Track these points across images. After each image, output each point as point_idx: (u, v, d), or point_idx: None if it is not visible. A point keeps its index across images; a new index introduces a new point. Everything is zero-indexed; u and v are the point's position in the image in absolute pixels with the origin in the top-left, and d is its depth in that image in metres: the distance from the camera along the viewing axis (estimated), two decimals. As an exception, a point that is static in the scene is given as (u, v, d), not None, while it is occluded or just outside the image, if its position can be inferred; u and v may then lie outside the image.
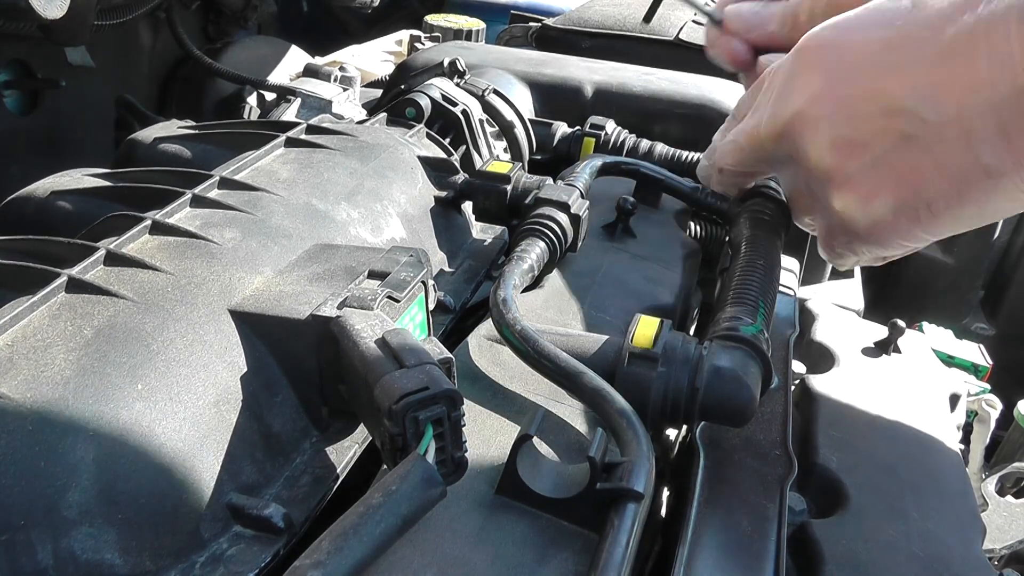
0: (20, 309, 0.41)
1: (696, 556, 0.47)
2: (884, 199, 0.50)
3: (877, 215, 0.51)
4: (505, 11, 1.92)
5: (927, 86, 0.46)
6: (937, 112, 0.46)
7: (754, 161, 0.61)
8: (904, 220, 0.50)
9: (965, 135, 0.45)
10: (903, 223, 0.50)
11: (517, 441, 0.39)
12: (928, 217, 0.49)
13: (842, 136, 0.51)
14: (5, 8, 0.71)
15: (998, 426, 0.97)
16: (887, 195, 0.50)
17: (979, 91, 0.44)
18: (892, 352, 0.74)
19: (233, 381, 0.43)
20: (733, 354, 0.49)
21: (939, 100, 0.46)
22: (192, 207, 0.54)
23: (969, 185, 0.47)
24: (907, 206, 0.49)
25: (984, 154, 0.45)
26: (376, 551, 0.33)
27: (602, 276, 0.63)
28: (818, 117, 0.52)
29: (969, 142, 0.45)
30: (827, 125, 0.51)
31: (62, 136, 1.15)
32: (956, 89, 0.45)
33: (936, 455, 0.62)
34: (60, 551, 0.35)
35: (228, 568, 0.38)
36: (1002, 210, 0.49)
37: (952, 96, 0.45)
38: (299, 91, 1.13)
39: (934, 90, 0.46)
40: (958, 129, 0.45)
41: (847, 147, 0.50)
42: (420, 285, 0.48)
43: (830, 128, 0.51)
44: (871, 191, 0.50)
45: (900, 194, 0.49)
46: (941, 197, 0.48)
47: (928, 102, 0.46)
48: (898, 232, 0.51)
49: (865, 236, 0.53)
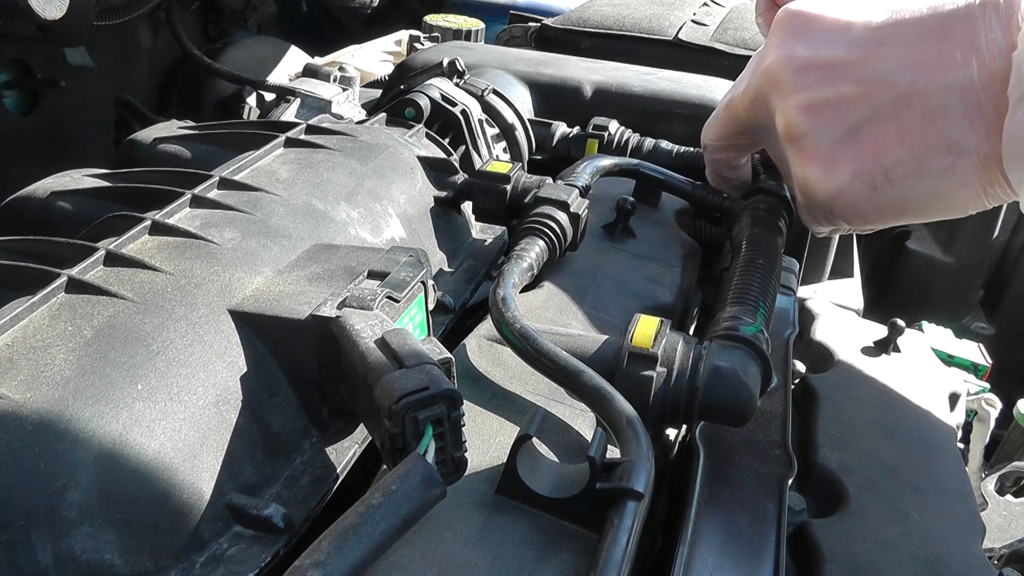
0: (20, 309, 0.41)
1: (696, 556, 0.47)
2: (844, 166, 0.51)
3: (836, 181, 0.52)
4: (505, 11, 1.92)
5: (905, 59, 0.48)
6: (910, 83, 0.48)
7: (733, 133, 0.62)
8: (861, 186, 0.51)
9: (933, 109, 0.47)
10: (860, 190, 0.51)
11: (517, 441, 0.39)
12: (885, 186, 0.50)
13: (816, 99, 0.51)
14: (5, 8, 0.71)
15: (998, 425, 0.97)
16: (848, 162, 0.51)
17: (952, 70, 0.46)
18: (892, 351, 0.74)
19: (233, 381, 0.43)
20: (733, 354, 0.49)
21: (914, 72, 0.48)
22: (192, 207, 0.54)
23: (929, 156, 0.48)
24: (865, 171, 0.50)
25: (947, 128, 0.47)
26: (376, 551, 0.33)
27: (602, 276, 0.63)
28: (792, 80, 0.52)
29: (935, 115, 0.47)
30: (800, 87, 0.52)
31: (62, 136, 1.15)
32: (931, 65, 0.47)
33: (936, 455, 0.62)
34: (60, 551, 0.35)
35: (228, 568, 0.38)
36: (955, 196, 0.49)
37: (926, 71, 0.47)
38: (299, 91, 1.13)
39: (910, 64, 0.48)
40: (926, 102, 0.47)
41: (819, 111, 0.51)
42: (420, 285, 0.48)
43: (804, 91, 0.52)
44: (834, 159, 0.51)
45: (860, 161, 0.51)
46: (900, 165, 0.49)
47: (903, 72, 0.48)
48: (855, 200, 0.52)
49: (825, 203, 0.54)
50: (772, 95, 0.54)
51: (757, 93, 0.56)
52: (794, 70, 0.52)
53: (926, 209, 0.51)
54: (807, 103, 0.52)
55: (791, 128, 0.53)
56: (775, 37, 0.55)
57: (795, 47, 0.53)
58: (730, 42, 1.27)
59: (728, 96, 0.62)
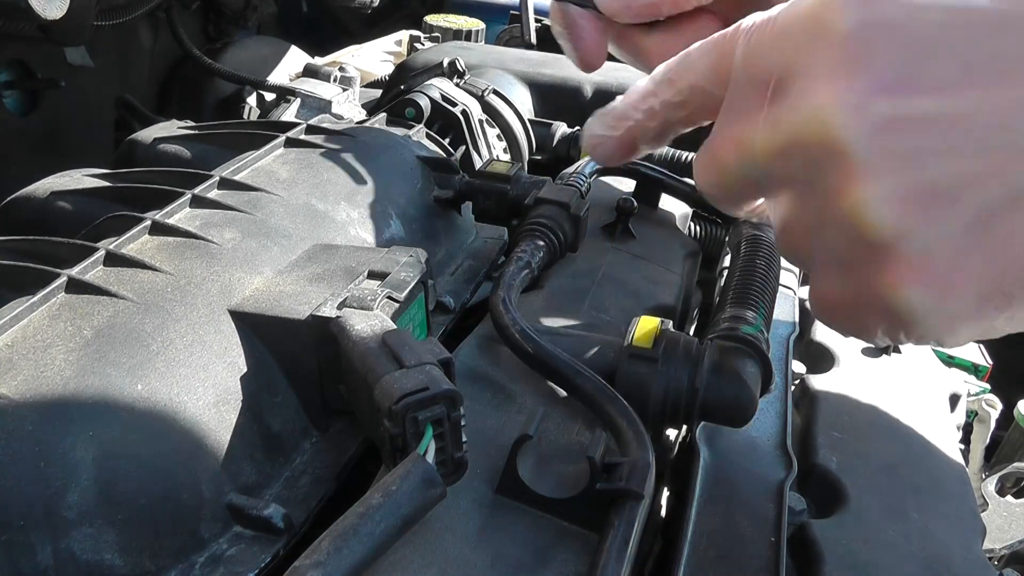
0: (20, 309, 0.41)
1: (696, 556, 0.47)
2: (969, 285, 0.32)
3: (955, 308, 0.32)
4: (505, 11, 1.92)
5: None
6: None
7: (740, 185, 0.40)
8: (991, 309, 0.32)
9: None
10: (988, 313, 0.32)
11: (517, 441, 0.39)
12: (1020, 304, 0.32)
13: (909, 181, 0.31)
14: (5, 8, 0.71)
15: (998, 426, 0.97)
16: (973, 279, 0.31)
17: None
18: (892, 352, 0.74)
19: (233, 381, 0.43)
20: (733, 354, 0.49)
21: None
22: (192, 207, 0.54)
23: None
24: (1000, 292, 0.31)
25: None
26: (376, 551, 0.33)
27: (602, 276, 0.63)
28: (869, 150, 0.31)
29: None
30: (888, 164, 0.31)
31: (62, 136, 1.15)
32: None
33: (936, 455, 0.62)
34: (60, 551, 0.35)
35: (228, 568, 0.38)
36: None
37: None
38: (299, 91, 1.13)
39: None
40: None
41: (917, 199, 0.31)
42: (420, 285, 0.48)
43: (887, 166, 0.31)
44: (950, 273, 0.32)
45: (993, 274, 0.31)
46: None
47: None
48: (977, 327, 0.33)
49: (927, 333, 0.34)
50: (823, 161, 0.33)
51: (791, 143, 0.34)
52: (871, 132, 0.31)
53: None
54: (906, 194, 0.31)
55: (869, 224, 0.32)
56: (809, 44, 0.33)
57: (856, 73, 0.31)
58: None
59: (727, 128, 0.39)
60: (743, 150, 0.38)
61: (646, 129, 0.47)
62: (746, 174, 0.39)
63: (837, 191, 0.33)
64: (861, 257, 0.34)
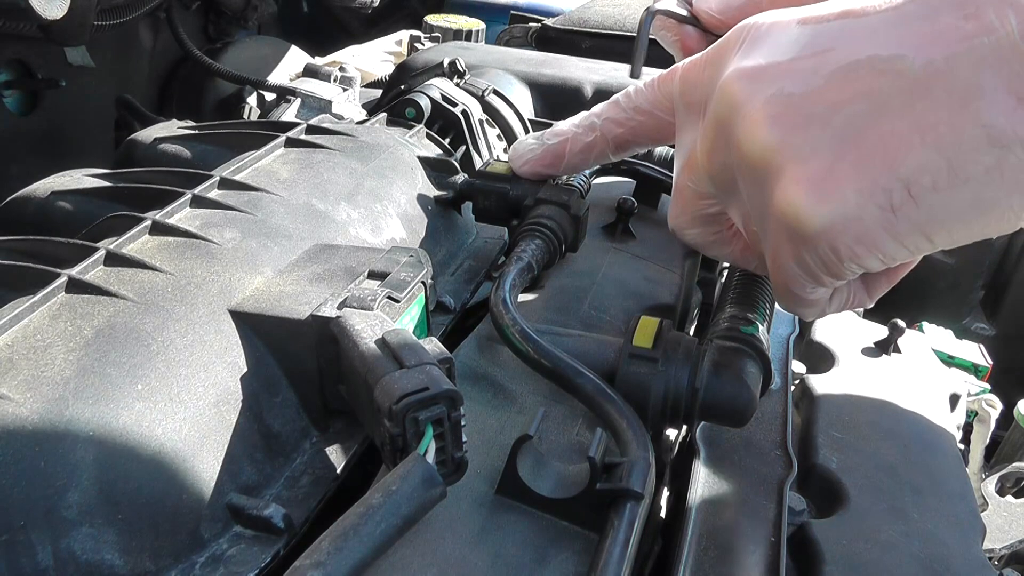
0: (20, 309, 0.41)
1: (696, 556, 0.47)
2: (845, 181, 0.36)
3: (836, 205, 0.37)
4: (505, 11, 1.92)
5: (912, 37, 0.35)
6: (923, 62, 0.35)
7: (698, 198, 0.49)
8: (874, 208, 0.36)
9: (963, 91, 0.34)
10: (872, 213, 0.36)
11: (517, 441, 0.39)
12: (906, 204, 0.36)
13: (788, 107, 0.38)
14: (5, 8, 0.71)
15: (998, 426, 0.97)
16: (849, 175, 0.36)
17: (983, 35, 0.33)
18: (892, 352, 0.74)
19: (233, 381, 0.43)
20: (733, 354, 0.49)
21: (925, 50, 0.35)
22: (192, 207, 0.54)
23: (965, 155, 0.34)
24: (878, 187, 0.36)
25: (988, 113, 0.34)
26: (376, 551, 0.33)
27: (602, 276, 0.63)
28: (750, 89, 0.40)
29: (967, 99, 0.34)
30: (767, 99, 0.39)
31: (62, 136, 1.15)
32: (952, 36, 0.34)
33: (936, 455, 0.62)
34: (60, 551, 0.35)
35: (228, 568, 0.38)
36: (1004, 206, 0.36)
37: (946, 45, 0.34)
38: (299, 91, 1.13)
39: (922, 41, 0.35)
40: (952, 83, 0.34)
41: (794, 119, 0.38)
42: (420, 285, 0.48)
43: (771, 102, 0.38)
44: (827, 171, 0.37)
45: (868, 173, 0.36)
46: (926, 172, 0.35)
47: (909, 52, 0.35)
48: (865, 229, 0.37)
49: (819, 238, 0.38)
50: (732, 123, 0.41)
51: (715, 130, 0.42)
52: (751, 80, 0.40)
53: (964, 228, 0.37)
54: (775, 112, 0.38)
55: (758, 148, 0.39)
56: (720, 62, 0.43)
57: (749, 57, 0.41)
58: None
59: (680, 158, 0.48)
60: (691, 167, 0.47)
61: (577, 142, 0.57)
62: (698, 188, 0.47)
63: (739, 138, 0.40)
64: (763, 192, 0.40)
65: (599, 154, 0.56)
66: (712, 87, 0.43)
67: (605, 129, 0.54)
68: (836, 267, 0.39)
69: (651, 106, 0.51)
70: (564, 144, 0.57)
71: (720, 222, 0.51)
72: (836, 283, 0.42)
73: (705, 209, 0.49)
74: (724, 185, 0.45)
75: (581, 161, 0.57)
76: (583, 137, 0.56)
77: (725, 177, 0.44)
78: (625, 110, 0.53)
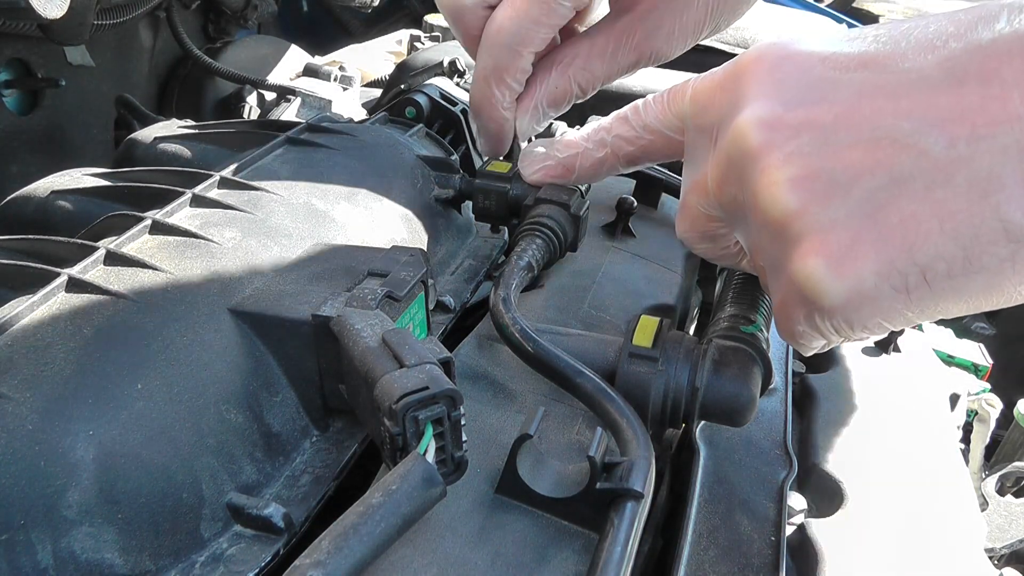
0: (20, 309, 0.41)
1: (696, 556, 0.47)
2: (864, 261, 0.37)
3: (854, 283, 0.37)
4: (505, 11, 1.92)
5: (933, 111, 0.35)
6: (945, 144, 0.34)
7: (708, 220, 0.48)
8: (889, 290, 0.37)
9: (982, 179, 0.34)
10: (887, 294, 0.37)
11: (517, 441, 0.39)
12: (920, 288, 0.36)
13: (809, 170, 0.38)
14: (5, 8, 0.71)
15: (998, 426, 0.97)
16: (868, 255, 0.37)
17: (1007, 123, 0.33)
18: (892, 351, 0.74)
19: (233, 381, 0.43)
20: (733, 354, 0.49)
21: (948, 128, 0.34)
22: (192, 207, 0.54)
23: (981, 247, 0.34)
24: (895, 270, 0.36)
25: (1007, 208, 0.33)
26: (376, 551, 0.33)
27: (602, 276, 0.63)
28: (769, 144, 0.39)
29: (987, 191, 0.34)
30: (786, 157, 0.38)
31: (62, 136, 1.15)
32: (974, 119, 0.34)
33: (936, 455, 0.62)
34: (60, 551, 0.35)
35: (228, 568, 0.38)
36: (1015, 291, 0.36)
37: (966, 126, 0.34)
38: (299, 91, 1.13)
39: (942, 118, 0.35)
40: (972, 171, 0.34)
41: (815, 186, 0.38)
42: (420, 285, 0.48)
43: (791, 160, 0.38)
44: (847, 249, 0.37)
45: (886, 253, 0.36)
46: (941, 260, 0.35)
47: (932, 129, 0.35)
48: (879, 307, 0.38)
49: (834, 311, 0.39)
50: (747, 169, 0.40)
51: (727, 167, 0.42)
52: (769, 130, 0.39)
53: (972, 306, 0.37)
54: (805, 174, 0.38)
55: (778, 211, 0.39)
56: (735, 91, 0.42)
57: (776, 99, 0.39)
58: (731, 42, 1.27)
59: (689, 176, 0.48)
60: (701, 190, 0.46)
61: (587, 156, 0.57)
62: (707, 211, 0.47)
63: (755, 189, 0.40)
64: (779, 248, 0.40)
65: (610, 168, 0.57)
66: (725, 113, 0.43)
67: (615, 146, 0.54)
68: (846, 333, 0.40)
69: (661, 125, 0.51)
70: (575, 158, 0.58)
71: (729, 239, 0.51)
72: (841, 342, 0.43)
73: (714, 230, 0.49)
74: (734, 214, 0.44)
75: (592, 175, 0.58)
76: (594, 153, 0.56)
77: (735, 208, 0.43)
78: (635, 128, 0.52)
